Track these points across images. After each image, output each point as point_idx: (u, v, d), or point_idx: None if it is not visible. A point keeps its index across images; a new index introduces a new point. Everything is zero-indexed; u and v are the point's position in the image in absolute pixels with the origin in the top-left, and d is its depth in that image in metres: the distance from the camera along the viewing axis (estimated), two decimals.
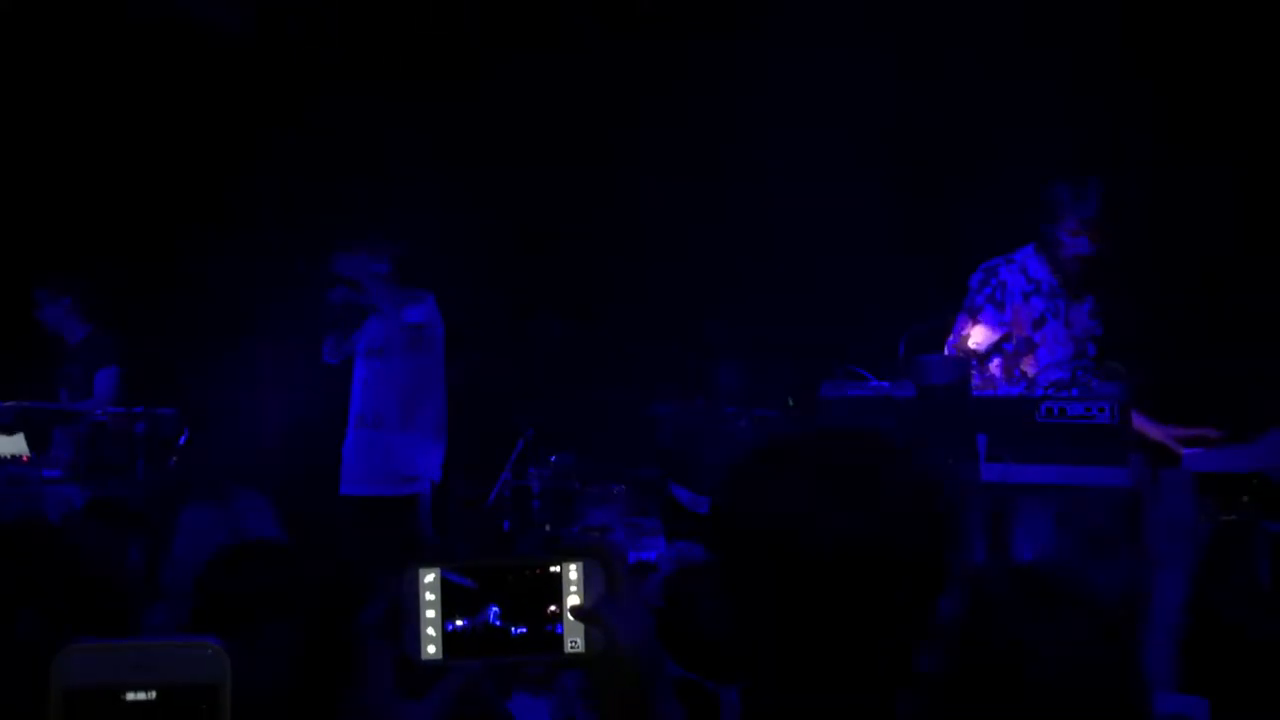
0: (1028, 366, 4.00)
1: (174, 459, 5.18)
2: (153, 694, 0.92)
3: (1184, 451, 3.65)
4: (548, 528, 5.62)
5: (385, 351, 4.74)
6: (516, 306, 6.15)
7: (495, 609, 1.19)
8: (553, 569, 1.20)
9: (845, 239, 5.46)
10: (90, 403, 5.27)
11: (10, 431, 4.78)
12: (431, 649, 1.18)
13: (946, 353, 3.99)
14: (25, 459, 4.71)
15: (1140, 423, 3.71)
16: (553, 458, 5.77)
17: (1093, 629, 1.68)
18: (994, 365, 4.01)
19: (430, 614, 1.18)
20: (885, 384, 3.74)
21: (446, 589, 1.19)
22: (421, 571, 1.18)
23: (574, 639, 1.19)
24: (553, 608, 1.19)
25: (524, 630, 1.19)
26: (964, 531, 3.20)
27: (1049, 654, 1.62)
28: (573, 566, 1.20)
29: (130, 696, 0.92)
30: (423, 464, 4.72)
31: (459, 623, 1.18)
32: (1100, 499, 3.38)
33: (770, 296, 5.71)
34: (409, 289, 4.73)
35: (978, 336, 4.00)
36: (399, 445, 4.67)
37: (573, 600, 1.19)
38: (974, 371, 3.87)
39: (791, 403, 5.30)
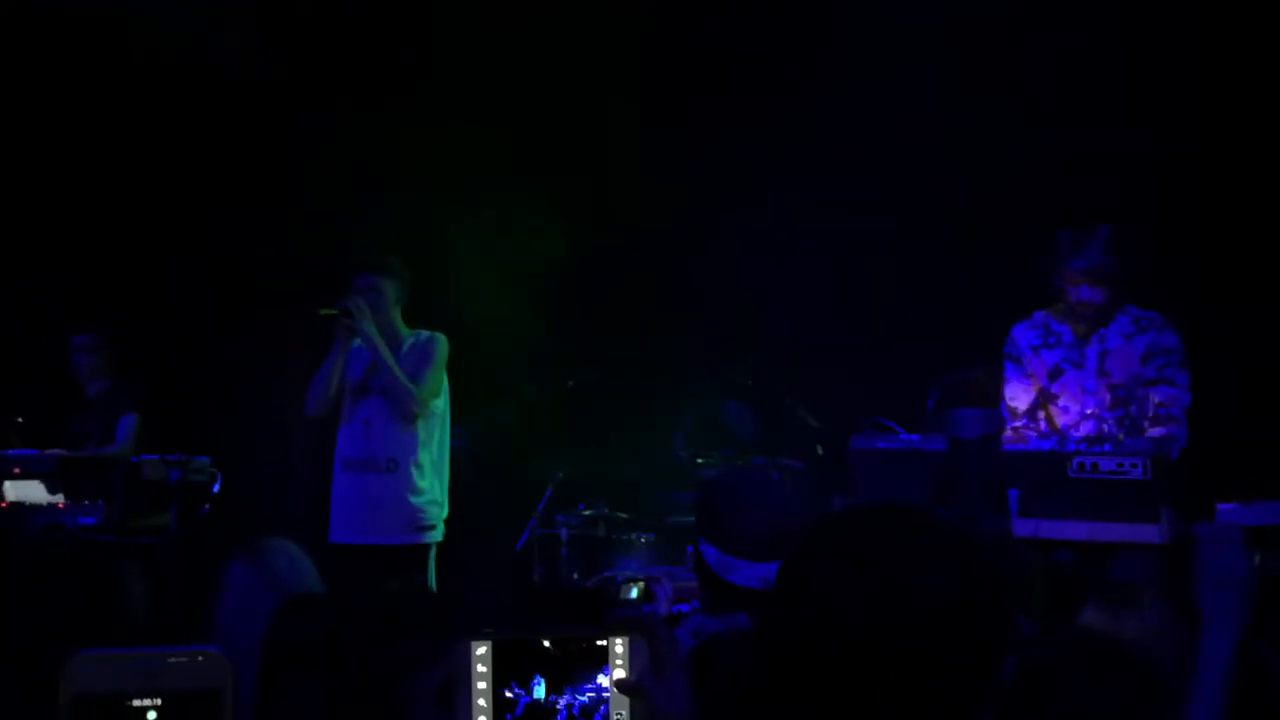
0: (1055, 418, 3.99)
1: (207, 507, 5.23)
2: (157, 700, 0.96)
3: (1219, 506, 3.63)
4: (575, 575, 5.62)
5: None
6: (549, 353, 6.17)
7: (543, 681, 1.21)
8: (599, 642, 1.23)
9: (877, 289, 5.48)
10: (113, 448, 5.32)
11: (47, 479, 4.84)
12: (482, 719, 1.21)
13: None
14: (61, 506, 4.76)
15: None
16: (581, 505, 5.77)
17: (1144, 691, 1.68)
18: (1023, 421, 4.00)
19: (481, 685, 1.21)
20: (915, 437, 3.75)
21: (498, 660, 1.22)
22: (474, 644, 1.21)
23: (619, 712, 1.22)
24: (599, 680, 1.22)
25: (570, 702, 1.22)
26: (1010, 601, 3.18)
27: (1086, 714, 1.62)
28: (619, 640, 1.23)
29: (135, 703, 0.96)
30: (436, 511, 4.55)
31: (509, 694, 1.21)
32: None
33: (799, 346, 5.72)
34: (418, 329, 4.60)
35: (1010, 395, 4.01)
36: (416, 490, 4.48)
37: (618, 673, 1.22)
38: (1007, 425, 3.86)
39: (821, 452, 5.30)
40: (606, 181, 6.05)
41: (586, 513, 5.72)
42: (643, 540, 5.50)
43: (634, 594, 4.87)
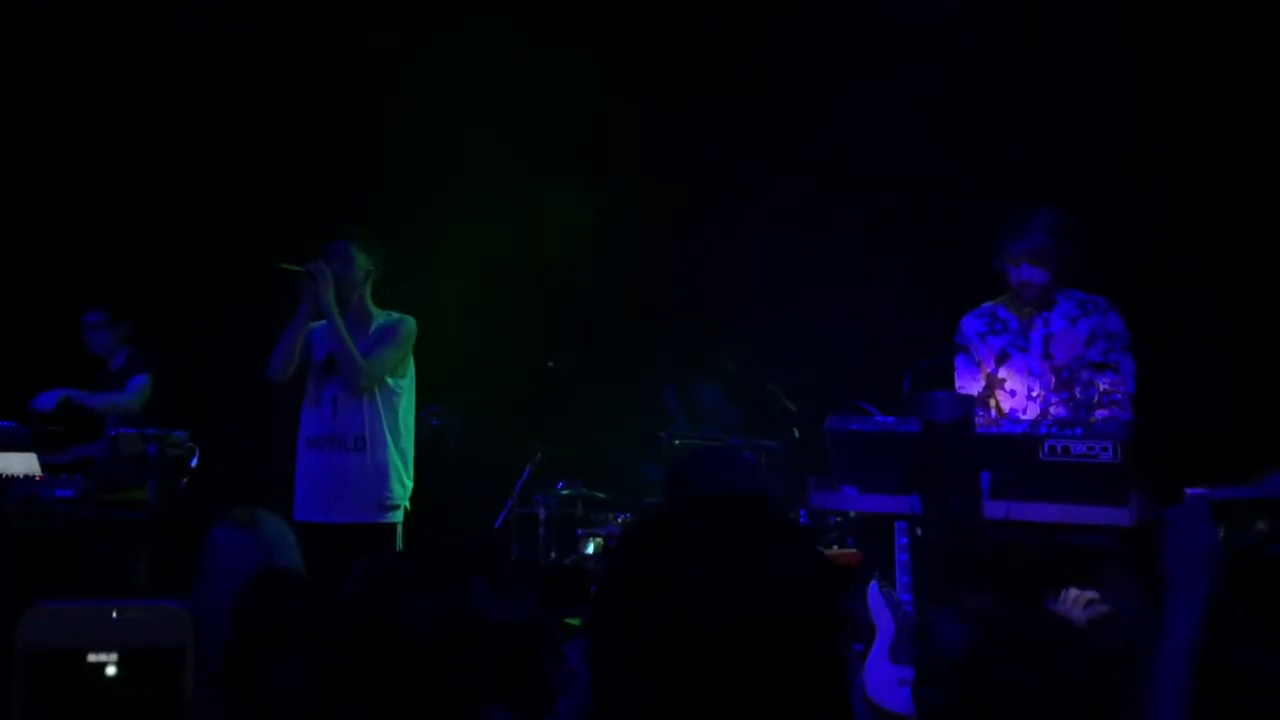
0: (1002, 402, 4.05)
1: (185, 481, 5.23)
2: (115, 655, 0.94)
3: (1188, 491, 3.66)
4: (553, 554, 5.65)
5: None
6: (529, 334, 6.19)
7: None
8: None
9: (853, 276, 5.52)
10: (115, 395, 5.38)
11: (24, 450, 4.83)
12: None
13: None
14: (39, 478, 4.75)
15: None
16: (560, 485, 5.80)
17: (1091, 671, 1.72)
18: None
19: None
20: (890, 419, 3.77)
21: None
22: None
23: None
24: None
25: None
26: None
27: (1047, 693, 1.66)
28: None
29: (93, 658, 0.93)
30: (401, 491, 4.50)
31: None
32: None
33: (778, 330, 5.76)
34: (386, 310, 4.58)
35: (960, 385, 4.07)
36: (383, 469, 4.44)
37: None
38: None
39: (797, 435, 5.34)
40: (593, 166, 6.07)
41: (564, 492, 5.75)
42: (619, 520, 5.53)
43: (590, 549, 4.91)
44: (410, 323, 4.54)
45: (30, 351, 5.91)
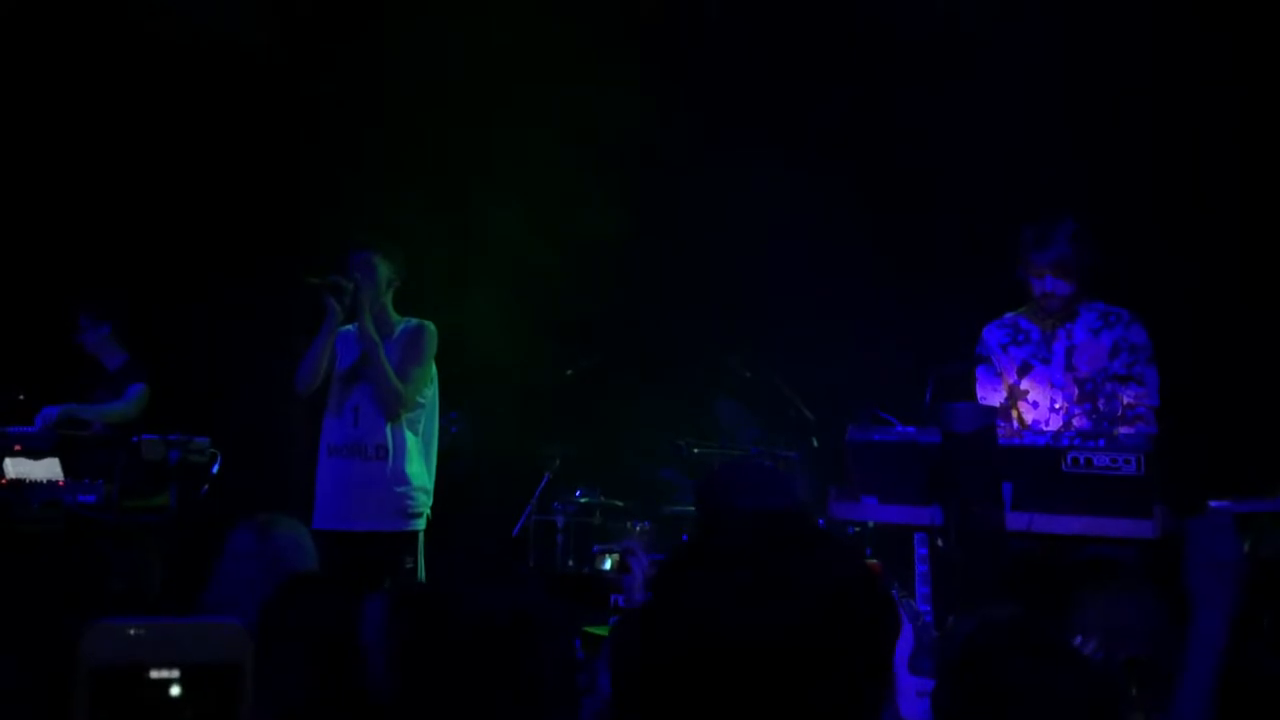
0: (1024, 414, 4.04)
1: (206, 487, 5.24)
2: (176, 672, 0.95)
3: (1211, 504, 3.66)
4: (570, 563, 5.66)
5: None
6: (548, 341, 6.19)
7: None
8: None
9: (875, 282, 5.51)
10: (114, 404, 5.40)
11: (46, 456, 4.85)
12: None
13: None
14: (61, 484, 4.76)
15: None
16: (578, 492, 5.80)
17: (1083, 683, 1.72)
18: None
19: None
20: (911, 429, 3.77)
21: None
22: None
23: None
24: None
25: None
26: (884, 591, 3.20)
27: (1038, 704, 1.66)
28: None
29: (154, 674, 0.94)
30: (424, 499, 4.49)
31: None
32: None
33: (795, 338, 5.75)
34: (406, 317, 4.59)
35: (982, 396, 4.06)
36: (405, 477, 4.43)
37: None
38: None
39: (815, 444, 5.33)
40: (608, 173, 6.07)
41: (583, 500, 5.76)
42: (638, 528, 5.54)
43: (608, 565, 4.89)
44: (431, 328, 4.54)
45: (32, 353, 5.92)
